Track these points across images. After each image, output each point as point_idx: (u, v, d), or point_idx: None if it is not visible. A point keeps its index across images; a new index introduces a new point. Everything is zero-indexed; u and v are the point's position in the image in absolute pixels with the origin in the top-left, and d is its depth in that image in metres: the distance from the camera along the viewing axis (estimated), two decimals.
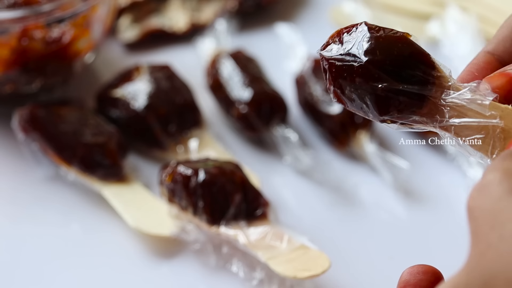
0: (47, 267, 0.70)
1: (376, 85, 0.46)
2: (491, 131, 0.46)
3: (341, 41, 0.48)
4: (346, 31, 0.48)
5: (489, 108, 0.46)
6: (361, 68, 0.46)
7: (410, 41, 0.47)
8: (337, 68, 0.47)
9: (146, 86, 0.80)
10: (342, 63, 0.47)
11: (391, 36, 0.47)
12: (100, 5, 0.80)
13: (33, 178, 0.77)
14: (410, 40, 0.47)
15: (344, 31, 0.48)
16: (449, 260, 0.71)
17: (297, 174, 0.78)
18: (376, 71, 0.46)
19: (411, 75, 0.46)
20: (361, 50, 0.47)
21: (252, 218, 0.68)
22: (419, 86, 0.46)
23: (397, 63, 0.46)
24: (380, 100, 0.46)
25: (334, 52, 0.48)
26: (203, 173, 0.68)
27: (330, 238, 0.72)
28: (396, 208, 0.75)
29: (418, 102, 0.46)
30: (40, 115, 0.76)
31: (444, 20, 0.91)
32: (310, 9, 0.97)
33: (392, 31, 0.47)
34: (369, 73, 0.46)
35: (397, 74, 0.46)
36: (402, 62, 0.46)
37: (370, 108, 0.47)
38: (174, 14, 0.94)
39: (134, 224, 0.71)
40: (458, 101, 0.46)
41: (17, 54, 0.77)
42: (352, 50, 0.47)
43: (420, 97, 0.46)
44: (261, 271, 0.67)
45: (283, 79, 0.85)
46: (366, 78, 0.46)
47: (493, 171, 0.41)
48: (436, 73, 0.47)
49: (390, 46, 0.47)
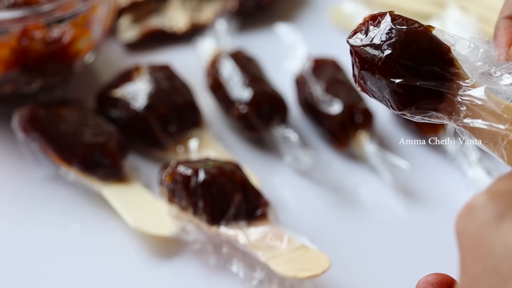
0: (47, 267, 0.70)
1: (394, 80, 0.46)
2: (499, 140, 0.46)
3: (367, 31, 0.48)
4: (372, 20, 0.48)
5: (503, 110, 0.45)
6: (380, 62, 0.47)
7: (430, 36, 0.47)
8: (360, 58, 0.48)
9: (146, 86, 0.80)
10: (365, 55, 0.48)
11: (412, 30, 0.47)
12: (100, 5, 0.80)
13: (33, 178, 0.77)
14: (431, 35, 0.47)
15: (370, 19, 0.49)
16: (449, 260, 0.71)
17: (297, 174, 0.78)
18: (394, 66, 0.46)
19: (429, 71, 0.46)
20: (382, 43, 0.47)
21: (252, 218, 0.68)
22: (437, 82, 0.46)
23: (415, 59, 0.46)
24: (398, 95, 0.47)
25: (358, 41, 0.48)
26: (203, 173, 0.68)
27: (330, 238, 0.72)
28: (396, 208, 0.75)
29: (435, 98, 0.47)
30: (40, 115, 0.76)
31: (444, 20, 0.91)
32: (310, 9, 0.97)
33: (414, 24, 0.47)
34: (388, 68, 0.47)
35: (415, 69, 0.46)
36: (421, 57, 0.46)
37: (390, 101, 0.47)
38: (174, 14, 0.94)
39: (134, 224, 0.71)
40: (474, 99, 0.46)
41: (17, 54, 0.77)
42: (374, 41, 0.47)
43: (437, 93, 0.47)
44: (261, 271, 0.67)
45: (283, 79, 0.85)
46: (385, 72, 0.47)
47: (481, 194, 0.40)
48: (454, 70, 0.47)
49: (410, 40, 0.47)
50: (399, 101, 0.47)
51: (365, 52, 0.48)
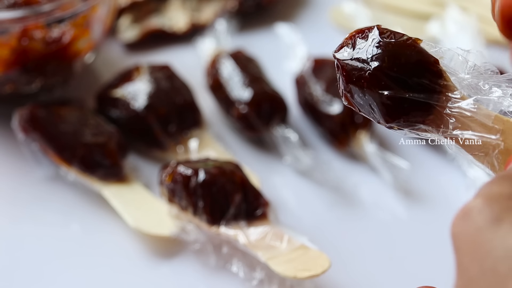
0: (47, 267, 0.70)
1: (383, 93, 0.46)
2: (490, 151, 0.46)
3: (354, 45, 0.48)
4: (359, 34, 0.48)
5: (493, 120, 0.46)
6: (369, 74, 0.47)
7: (419, 48, 0.47)
8: (347, 72, 0.48)
9: (146, 86, 0.80)
10: (352, 68, 0.47)
11: (400, 43, 0.47)
12: (100, 5, 0.80)
13: (33, 178, 0.77)
14: (419, 47, 0.47)
15: (357, 34, 0.48)
16: (449, 260, 0.71)
17: (297, 174, 0.78)
18: (383, 78, 0.46)
19: (418, 83, 0.46)
20: (370, 56, 0.47)
21: (252, 218, 0.68)
22: (425, 95, 0.46)
23: (404, 71, 0.46)
24: (386, 107, 0.47)
25: (346, 55, 0.48)
26: (203, 173, 0.68)
27: (330, 238, 0.72)
28: (396, 208, 0.75)
29: (424, 111, 0.47)
30: (40, 115, 0.76)
31: (444, 20, 0.91)
32: (310, 9, 0.97)
33: (403, 36, 0.47)
34: (376, 80, 0.46)
35: (403, 82, 0.46)
36: (409, 70, 0.46)
37: (377, 114, 0.47)
38: (174, 14, 0.94)
39: (134, 224, 0.71)
40: (463, 111, 0.46)
41: (17, 54, 0.77)
42: (362, 54, 0.47)
43: (426, 106, 0.46)
44: (261, 271, 0.67)
45: (283, 79, 0.85)
46: (373, 84, 0.46)
47: (477, 196, 0.41)
48: (442, 82, 0.47)
49: (398, 53, 0.47)
50: (387, 113, 0.47)
51: (352, 65, 0.47)
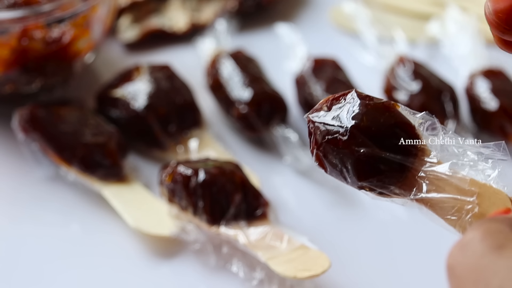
0: (47, 267, 0.70)
1: (359, 150, 0.47)
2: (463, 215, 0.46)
3: (330, 107, 0.49)
4: (336, 98, 0.49)
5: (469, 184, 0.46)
6: (346, 132, 0.47)
7: (397, 111, 0.48)
8: (322, 131, 0.48)
9: (146, 86, 0.80)
10: (328, 127, 0.48)
11: (379, 104, 0.48)
12: (100, 5, 0.80)
13: (33, 178, 0.77)
14: (397, 111, 0.48)
15: (334, 98, 0.49)
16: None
17: (297, 174, 0.78)
18: (360, 136, 0.47)
19: (395, 144, 0.47)
20: (348, 115, 0.47)
21: (252, 218, 0.68)
22: (401, 156, 0.47)
23: (381, 131, 0.47)
24: (361, 165, 0.47)
25: (321, 115, 0.49)
26: (203, 173, 0.68)
27: (330, 238, 0.72)
28: (396, 208, 0.75)
29: (398, 172, 0.47)
30: (40, 115, 0.76)
31: (444, 20, 0.91)
32: (310, 9, 0.97)
33: (381, 100, 0.48)
34: (353, 137, 0.47)
35: (380, 141, 0.47)
36: (387, 130, 0.47)
37: (350, 173, 0.47)
38: (174, 14, 0.94)
39: (134, 224, 0.71)
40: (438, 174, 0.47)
41: (17, 54, 0.77)
42: (339, 115, 0.48)
43: (400, 168, 0.47)
44: (261, 271, 0.67)
45: (283, 79, 0.85)
46: (349, 141, 0.47)
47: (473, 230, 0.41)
48: (419, 145, 0.47)
49: (377, 114, 0.47)
50: (361, 170, 0.47)
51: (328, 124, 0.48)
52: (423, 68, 0.83)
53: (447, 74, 0.84)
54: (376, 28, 0.90)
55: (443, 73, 0.83)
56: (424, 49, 0.91)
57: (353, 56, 0.90)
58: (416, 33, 0.92)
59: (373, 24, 0.90)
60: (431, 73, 0.82)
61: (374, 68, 0.87)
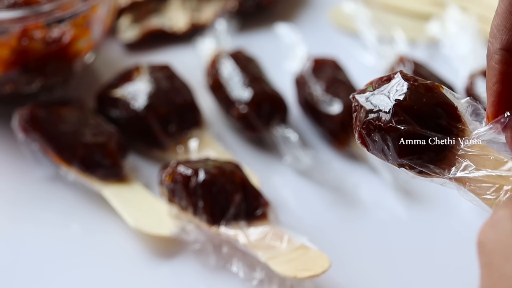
0: (47, 267, 0.70)
1: (400, 127, 0.47)
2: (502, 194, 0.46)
3: (375, 87, 0.50)
4: (382, 79, 0.50)
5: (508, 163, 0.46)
6: (389, 110, 0.48)
7: (440, 92, 0.48)
8: (365, 110, 0.49)
9: (146, 86, 0.80)
10: (371, 106, 0.49)
11: (423, 85, 0.48)
12: (100, 5, 0.80)
13: (33, 178, 0.77)
14: (441, 92, 0.48)
15: (380, 79, 0.50)
16: (449, 260, 0.71)
17: (297, 174, 0.78)
18: (402, 114, 0.47)
19: (436, 123, 0.47)
20: (391, 95, 0.48)
21: (252, 218, 0.68)
22: (442, 135, 0.47)
23: (424, 110, 0.48)
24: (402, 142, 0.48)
25: (366, 95, 0.49)
26: (203, 173, 0.68)
27: (330, 238, 0.72)
28: (396, 208, 0.75)
29: (438, 151, 0.48)
30: (40, 115, 0.76)
31: (444, 20, 0.91)
32: (310, 9, 0.97)
33: (425, 81, 0.49)
34: (395, 115, 0.48)
35: (422, 120, 0.47)
36: (429, 109, 0.48)
37: (391, 150, 0.48)
38: (174, 14, 0.94)
39: (134, 224, 0.71)
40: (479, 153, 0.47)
41: (17, 54, 0.77)
42: (383, 94, 0.49)
43: (441, 146, 0.47)
44: (261, 271, 0.67)
45: (283, 79, 0.85)
46: (391, 119, 0.48)
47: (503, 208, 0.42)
48: (461, 126, 0.48)
49: (420, 94, 0.48)
50: (402, 148, 0.48)
51: (371, 103, 0.49)
52: (423, 68, 0.83)
53: (447, 74, 0.84)
54: (376, 28, 0.90)
55: (443, 73, 0.83)
56: (424, 49, 0.91)
57: (353, 56, 0.90)
58: (416, 33, 0.92)
59: (373, 24, 0.91)
60: (431, 73, 0.82)
61: (374, 68, 0.87)
